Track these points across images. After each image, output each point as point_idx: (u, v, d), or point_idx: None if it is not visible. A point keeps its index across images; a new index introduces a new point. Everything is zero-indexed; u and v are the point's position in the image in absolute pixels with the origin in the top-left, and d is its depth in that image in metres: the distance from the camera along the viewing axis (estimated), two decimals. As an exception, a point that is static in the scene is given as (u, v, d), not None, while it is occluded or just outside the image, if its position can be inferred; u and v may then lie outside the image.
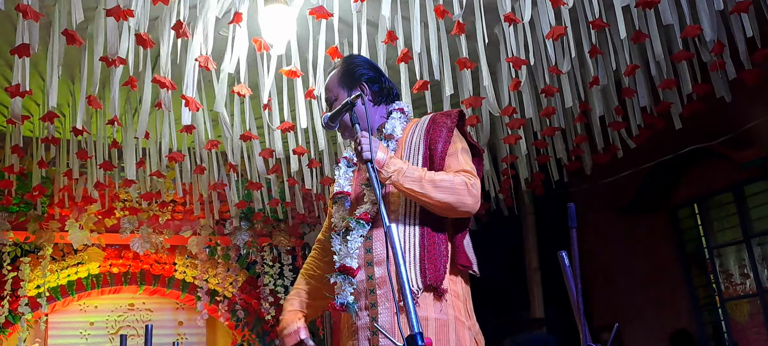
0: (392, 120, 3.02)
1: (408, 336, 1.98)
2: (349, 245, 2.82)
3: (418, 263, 2.73)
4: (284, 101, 5.09)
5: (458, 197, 2.71)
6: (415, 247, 2.76)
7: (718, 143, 6.54)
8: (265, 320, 7.91)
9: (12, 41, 4.20)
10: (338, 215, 2.97)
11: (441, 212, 2.76)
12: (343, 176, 3.07)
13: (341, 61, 3.17)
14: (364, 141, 2.63)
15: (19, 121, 4.80)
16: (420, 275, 2.72)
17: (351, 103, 2.77)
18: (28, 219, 7.08)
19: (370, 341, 2.74)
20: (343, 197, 3.00)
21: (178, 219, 7.79)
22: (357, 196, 2.97)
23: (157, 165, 5.78)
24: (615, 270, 8.06)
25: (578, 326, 2.57)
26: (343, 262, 2.81)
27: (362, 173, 3.02)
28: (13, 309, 6.92)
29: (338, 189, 3.03)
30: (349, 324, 2.86)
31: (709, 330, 7.45)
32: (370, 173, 2.53)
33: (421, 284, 2.71)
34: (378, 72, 3.12)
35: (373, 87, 3.05)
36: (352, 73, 3.04)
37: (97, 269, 7.53)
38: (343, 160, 3.12)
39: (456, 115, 2.96)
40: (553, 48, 4.83)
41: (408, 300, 2.05)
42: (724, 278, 7.29)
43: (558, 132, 6.12)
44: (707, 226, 7.40)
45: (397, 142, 2.95)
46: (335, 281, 2.83)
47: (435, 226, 2.81)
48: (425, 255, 2.74)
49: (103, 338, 7.93)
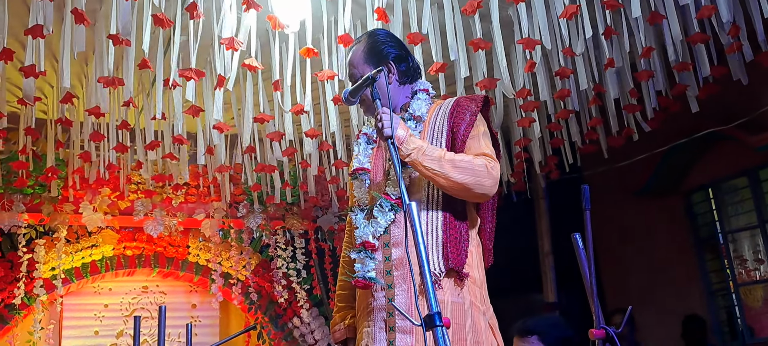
0: (418, 101, 2.95)
1: (426, 315, 1.96)
2: (373, 223, 2.79)
3: (441, 246, 2.72)
4: (297, 83, 5.08)
5: (477, 179, 2.68)
6: (437, 230, 2.74)
7: (733, 127, 6.49)
8: (278, 303, 7.93)
9: (25, 22, 4.20)
10: (359, 191, 2.93)
11: (456, 193, 2.73)
12: (362, 152, 3.00)
13: (365, 36, 3.07)
14: (384, 118, 2.56)
15: (31, 102, 4.81)
16: (442, 258, 2.71)
17: (372, 79, 2.67)
18: (42, 201, 7.11)
19: (386, 322, 2.73)
20: (363, 174, 2.94)
21: (192, 202, 7.80)
22: (376, 173, 2.93)
23: (170, 147, 5.79)
24: (628, 254, 8.05)
25: (591, 308, 2.56)
26: (365, 239, 2.78)
27: (383, 150, 2.97)
28: (29, 291, 6.96)
29: (358, 165, 2.96)
30: (365, 305, 2.83)
31: (723, 315, 7.43)
32: (391, 151, 2.44)
33: (443, 267, 2.70)
34: (405, 49, 3.04)
35: (401, 66, 2.97)
36: (379, 51, 2.94)
37: (111, 252, 7.56)
38: (362, 136, 3.06)
39: (481, 100, 2.91)
40: (566, 29, 4.80)
41: (427, 279, 2.01)
42: (738, 263, 7.26)
43: (572, 115, 6.08)
44: (721, 210, 7.36)
45: (422, 124, 2.90)
46: (356, 257, 2.79)
47: (457, 211, 2.79)
48: (448, 239, 2.73)
49: (117, 320, 7.97)
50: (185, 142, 5.46)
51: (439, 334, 1.91)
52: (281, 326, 8.03)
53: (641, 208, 7.87)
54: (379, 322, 2.74)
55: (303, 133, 5.45)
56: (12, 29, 4.75)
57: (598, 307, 2.54)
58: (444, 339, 1.90)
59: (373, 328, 2.76)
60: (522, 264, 7.93)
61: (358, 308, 2.90)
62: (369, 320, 2.79)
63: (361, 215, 2.86)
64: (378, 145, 3.02)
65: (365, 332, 2.80)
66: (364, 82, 2.70)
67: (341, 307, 3.07)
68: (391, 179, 2.82)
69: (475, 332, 2.71)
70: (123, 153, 5.87)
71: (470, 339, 2.69)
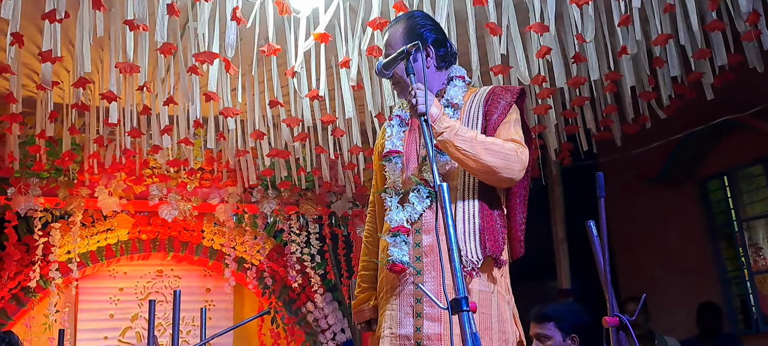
0: (455, 88, 2.91)
1: (453, 299, 1.94)
2: (409, 208, 2.76)
3: (478, 233, 2.70)
4: (312, 69, 5.08)
5: (506, 162, 2.66)
6: (474, 217, 2.72)
7: (748, 115, 6.45)
8: (292, 287, 7.96)
9: (42, 7, 4.22)
10: (393, 174, 2.87)
11: (484, 176, 2.70)
12: (395, 134, 2.94)
13: (404, 16, 3.03)
14: (419, 93, 2.51)
15: (49, 87, 4.83)
16: (480, 246, 2.69)
17: (407, 52, 2.60)
18: (58, 185, 7.14)
19: (414, 308, 2.70)
20: (396, 157, 2.89)
21: (206, 187, 7.83)
22: (409, 157, 2.89)
23: (186, 132, 5.80)
24: (643, 241, 8.02)
25: (605, 296, 2.56)
26: (400, 223, 2.74)
27: (416, 133, 2.93)
28: (44, 274, 7.01)
29: (392, 148, 2.91)
30: (390, 288, 2.79)
31: (737, 303, 7.41)
32: (423, 129, 2.38)
33: (480, 255, 2.68)
34: (443, 33, 3.00)
35: (439, 50, 2.93)
36: (418, 33, 2.88)
37: (126, 236, 7.60)
38: (395, 118, 3.00)
39: (517, 91, 2.88)
40: (580, 16, 4.78)
41: (456, 263, 1.98)
42: (753, 251, 7.23)
43: (587, 102, 6.06)
44: (736, 198, 7.33)
45: (459, 112, 2.86)
46: (391, 241, 2.73)
47: (492, 200, 2.79)
48: (485, 226, 2.71)
49: (132, 304, 8.03)
50: (201, 126, 5.47)
51: (465, 319, 1.89)
52: (295, 310, 8.07)
53: (656, 195, 7.84)
54: (406, 307, 2.72)
55: (318, 119, 5.45)
56: (32, 15, 4.78)
57: (612, 294, 2.54)
58: (470, 323, 1.88)
59: (399, 313, 2.73)
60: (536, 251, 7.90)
61: (380, 290, 2.88)
62: (393, 304, 2.76)
63: (395, 199, 2.82)
64: (411, 129, 2.97)
65: (388, 315, 2.78)
66: (399, 55, 2.64)
67: (365, 288, 3.06)
68: (427, 164, 2.77)
69: (501, 321, 2.71)
70: (137, 138, 5.88)
71: (496, 328, 2.68)
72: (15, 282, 6.96)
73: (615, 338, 2.51)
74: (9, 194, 6.85)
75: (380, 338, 2.79)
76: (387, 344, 2.74)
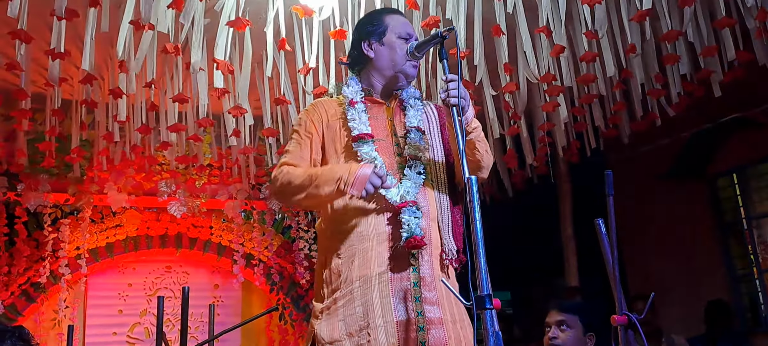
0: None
1: (477, 296, 1.92)
2: (406, 182, 2.66)
3: (452, 228, 2.74)
4: (320, 65, 5.07)
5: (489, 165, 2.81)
6: (448, 211, 2.75)
7: (758, 112, 6.43)
8: (300, 284, 7.97)
9: (51, 3, 4.23)
10: (370, 157, 2.68)
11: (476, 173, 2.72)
12: (360, 118, 2.78)
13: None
14: (458, 85, 2.49)
15: (56, 84, 4.84)
16: (453, 239, 2.72)
17: (442, 36, 2.61)
18: (67, 181, 7.17)
19: (411, 292, 2.58)
20: (370, 140, 2.73)
21: (215, 183, 7.84)
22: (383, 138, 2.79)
23: (194, 129, 5.81)
24: (651, 239, 8.01)
25: (614, 294, 2.56)
26: (407, 198, 2.63)
27: (382, 119, 2.85)
28: (54, 269, 7.04)
29: (364, 131, 2.74)
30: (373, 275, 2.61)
31: (746, 301, 7.39)
32: (454, 119, 2.39)
33: (456, 246, 2.72)
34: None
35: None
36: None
37: (135, 232, 7.63)
38: (358, 104, 2.83)
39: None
40: (589, 14, 4.76)
41: (482, 259, 1.95)
42: (762, 249, 7.21)
43: (596, 99, 6.04)
44: (746, 196, 7.31)
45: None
46: (408, 215, 2.61)
47: (456, 196, 2.82)
48: (455, 221, 2.76)
49: (140, 299, 8.04)
50: (210, 123, 5.47)
51: (488, 317, 1.87)
52: (303, 307, 8.08)
53: (665, 193, 7.82)
54: (399, 292, 2.58)
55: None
56: (42, 13, 4.79)
57: (620, 293, 2.54)
58: (492, 323, 1.87)
59: (392, 298, 2.56)
60: (544, 248, 7.92)
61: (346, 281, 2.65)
62: (380, 291, 2.59)
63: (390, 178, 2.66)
64: (373, 116, 2.85)
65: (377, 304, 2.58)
66: (433, 38, 2.66)
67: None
68: (410, 143, 2.74)
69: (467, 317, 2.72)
70: (146, 135, 5.90)
71: (467, 322, 2.67)
72: (25, 278, 6.99)
73: (623, 336, 2.51)
74: (19, 190, 6.88)
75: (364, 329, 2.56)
76: (382, 333, 2.52)
